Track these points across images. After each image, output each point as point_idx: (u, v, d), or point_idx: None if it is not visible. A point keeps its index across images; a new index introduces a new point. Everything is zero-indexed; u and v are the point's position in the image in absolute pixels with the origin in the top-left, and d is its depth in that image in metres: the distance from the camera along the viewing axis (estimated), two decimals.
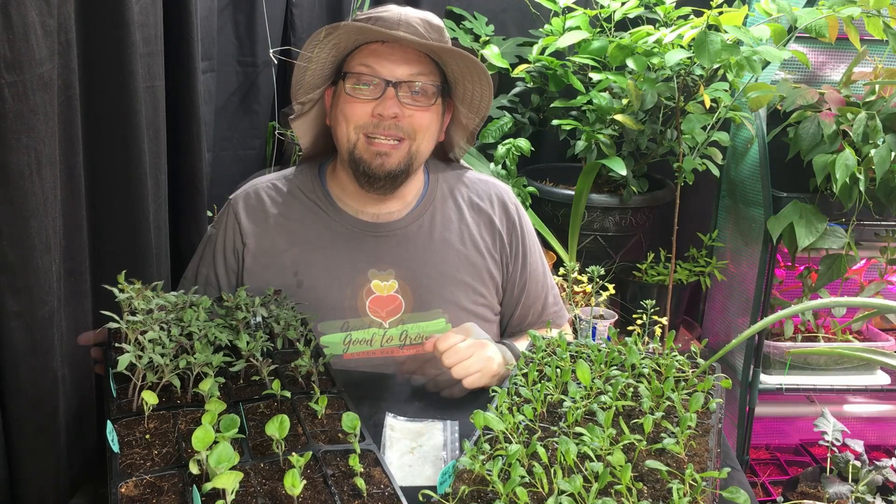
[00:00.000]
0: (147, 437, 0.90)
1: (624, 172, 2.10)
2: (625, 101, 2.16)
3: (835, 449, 1.91)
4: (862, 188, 1.86)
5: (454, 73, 1.35)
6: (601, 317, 2.14)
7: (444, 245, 1.40)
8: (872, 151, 1.83)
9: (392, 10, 1.31)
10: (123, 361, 0.93)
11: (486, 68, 1.33)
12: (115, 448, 0.86)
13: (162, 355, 0.97)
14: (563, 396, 0.96)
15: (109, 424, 0.90)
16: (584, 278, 2.10)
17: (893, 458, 1.87)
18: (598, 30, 2.25)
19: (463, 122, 1.43)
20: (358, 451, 0.85)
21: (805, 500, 1.87)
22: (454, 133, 1.46)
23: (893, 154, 1.83)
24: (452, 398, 1.19)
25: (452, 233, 1.42)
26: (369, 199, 1.39)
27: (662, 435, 0.88)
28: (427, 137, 1.34)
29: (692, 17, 1.99)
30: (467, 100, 1.38)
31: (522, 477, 0.77)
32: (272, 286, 1.34)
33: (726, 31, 1.83)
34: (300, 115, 1.40)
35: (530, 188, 2.25)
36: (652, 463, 0.80)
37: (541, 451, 0.81)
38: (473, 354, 1.19)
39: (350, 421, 0.87)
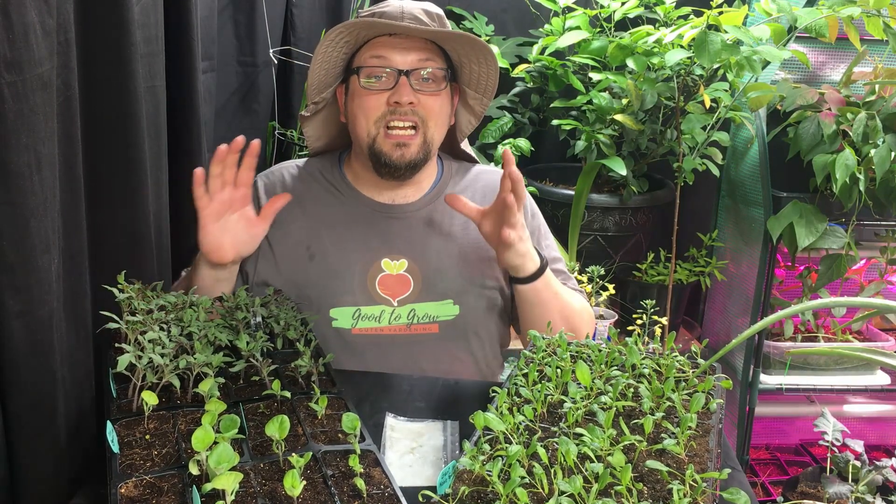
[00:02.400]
0: (147, 437, 0.90)
1: (624, 172, 2.10)
2: (625, 101, 2.16)
3: (835, 449, 1.91)
4: (862, 188, 1.86)
5: (459, 57, 1.39)
6: (601, 317, 2.15)
7: (455, 229, 1.43)
8: (872, 151, 1.83)
9: (393, 4, 1.36)
10: (123, 362, 0.93)
11: (493, 52, 1.36)
12: (115, 448, 0.86)
13: (162, 355, 0.97)
14: (563, 397, 0.96)
15: (109, 425, 0.90)
16: (584, 278, 2.10)
17: (893, 458, 1.87)
18: (598, 30, 2.25)
19: (471, 104, 1.47)
20: (358, 451, 0.85)
21: (805, 500, 1.87)
22: (462, 116, 1.50)
23: (893, 154, 1.83)
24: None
25: (463, 218, 1.44)
26: (385, 185, 1.43)
27: (663, 435, 0.88)
28: (439, 123, 1.38)
29: (692, 17, 1.99)
30: (474, 81, 1.42)
31: (522, 478, 0.77)
32: (285, 258, 1.39)
33: (726, 31, 1.83)
34: (315, 113, 1.44)
35: (530, 188, 2.25)
36: (652, 463, 0.80)
37: (541, 451, 0.81)
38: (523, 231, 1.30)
39: (350, 421, 0.87)
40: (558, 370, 1.01)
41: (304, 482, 0.79)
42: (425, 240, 1.42)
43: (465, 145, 1.56)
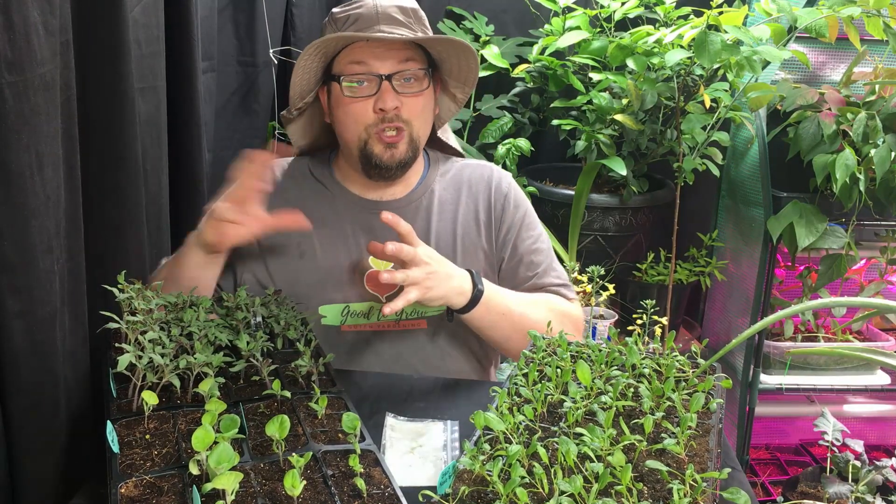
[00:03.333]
0: (147, 437, 0.90)
1: (624, 172, 2.10)
2: (625, 101, 2.16)
3: (835, 449, 1.91)
4: (862, 188, 1.86)
5: (439, 53, 1.39)
6: (601, 317, 2.15)
7: (442, 224, 1.43)
8: (872, 151, 1.83)
9: (367, 4, 1.34)
10: (123, 361, 0.93)
11: (473, 49, 1.36)
12: (115, 448, 0.86)
13: (162, 355, 0.97)
14: (563, 396, 0.96)
15: (109, 425, 0.90)
16: (584, 278, 2.10)
17: (893, 458, 1.87)
18: (598, 30, 2.25)
19: (452, 92, 1.47)
20: (358, 451, 0.85)
21: (805, 500, 1.87)
22: (443, 104, 1.49)
23: (893, 154, 1.83)
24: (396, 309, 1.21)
25: (449, 213, 1.45)
26: (373, 184, 1.43)
27: (663, 435, 0.88)
28: (425, 120, 1.39)
29: (692, 17, 1.99)
30: (455, 73, 1.43)
31: (523, 477, 0.76)
32: (275, 256, 1.39)
33: (726, 31, 1.83)
34: (298, 117, 1.44)
35: (530, 188, 2.25)
36: (652, 463, 0.80)
37: (541, 451, 0.81)
38: (431, 273, 1.23)
39: (350, 421, 0.87)
40: (558, 370, 1.01)
41: (304, 482, 0.79)
42: None
43: (449, 136, 1.56)
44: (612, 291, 2.12)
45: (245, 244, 1.33)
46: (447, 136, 1.56)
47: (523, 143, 2.26)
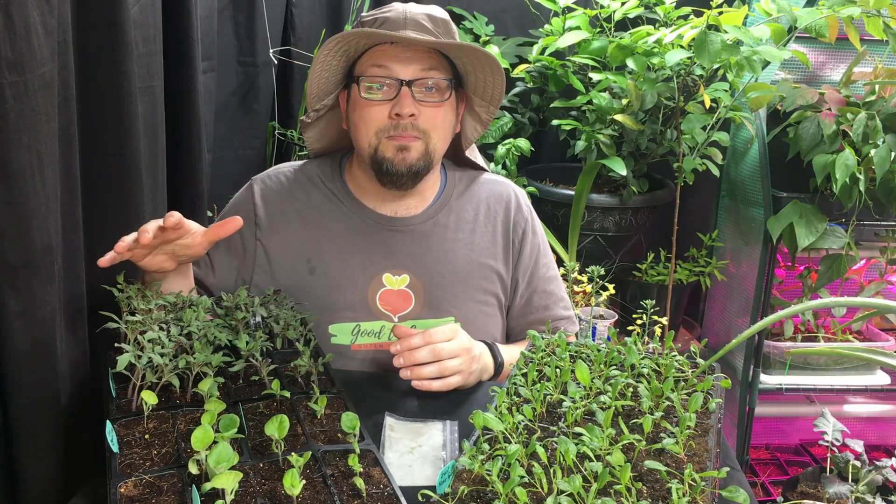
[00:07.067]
0: (146, 437, 0.90)
1: (624, 172, 2.10)
2: (625, 101, 2.16)
3: (835, 449, 1.91)
4: (862, 188, 1.86)
5: (465, 66, 1.35)
6: (601, 317, 2.15)
7: (458, 244, 1.41)
8: (872, 151, 1.83)
9: (396, 9, 1.31)
10: (122, 361, 0.93)
11: (500, 63, 1.33)
12: (115, 448, 0.86)
13: (161, 355, 0.97)
14: (562, 396, 0.96)
15: (109, 424, 0.90)
16: (584, 278, 2.10)
17: (893, 458, 1.87)
18: (598, 30, 2.25)
19: (477, 111, 1.43)
20: (357, 450, 0.85)
21: (805, 500, 1.87)
22: (468, 124, 1.46)
23: (893, 154, 1.83)
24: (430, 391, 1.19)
25: (466, 232, 1.42)
26: (387, 195, 1.40)
27: (662, 435, 0.88)
28: (442, 134, 1.34)
29: (692, 17, 1.99)
30: (480, 89, 1.39)
31: (522, 477, 0.77)
32: (284, 270, 1.36)
33: (726, 31, 1.83)
34: (316, 120, 1.41)
35: (530, 188, 2.25)
36: (651, 463, 0.80)
37: (540, 451, 0.81)
38: (458, 356, 1.20)
39: (349, 421, 0.87)
40: (557, 370, 1.01)
41: (304, 482, 0.79)
42: (428, 254, 1.39)
43: (477, 156, 1.53)
44: (612, 291, 2.13)
45: (190, 260, 1.22)
46: (475, 155, 1.52)
47: (523, 143, 2.26)
